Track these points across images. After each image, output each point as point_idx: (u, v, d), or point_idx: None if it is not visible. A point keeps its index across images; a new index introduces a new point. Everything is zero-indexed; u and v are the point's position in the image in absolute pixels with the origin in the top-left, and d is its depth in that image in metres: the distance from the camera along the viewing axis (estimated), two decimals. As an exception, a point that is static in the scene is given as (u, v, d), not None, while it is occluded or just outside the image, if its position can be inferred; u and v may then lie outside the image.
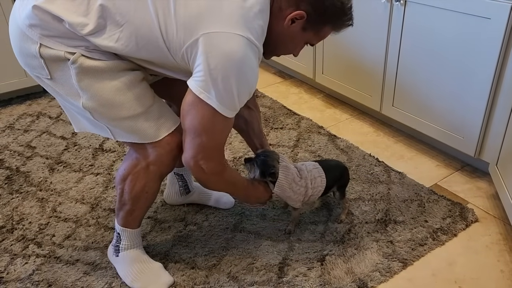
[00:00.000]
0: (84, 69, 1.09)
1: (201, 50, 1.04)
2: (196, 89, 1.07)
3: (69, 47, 1.08)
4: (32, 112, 2.45)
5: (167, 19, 1.05)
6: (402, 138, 2.12)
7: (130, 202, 1.29)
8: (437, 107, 1.84)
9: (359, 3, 2.01)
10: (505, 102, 1.57)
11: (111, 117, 1.16)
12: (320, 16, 1.14)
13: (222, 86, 1.06)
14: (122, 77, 1.13)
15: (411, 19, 1.80)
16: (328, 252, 1.47)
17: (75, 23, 1.05)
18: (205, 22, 1.03)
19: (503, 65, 1.55)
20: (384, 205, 1.67)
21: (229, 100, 1.09)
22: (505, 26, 1.48)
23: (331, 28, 1.19)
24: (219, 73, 1.04)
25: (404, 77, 1.94)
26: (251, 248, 1.50)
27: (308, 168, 1.47)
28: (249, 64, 1.07)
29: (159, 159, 1.21)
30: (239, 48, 1.03)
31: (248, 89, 1.12)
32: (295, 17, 1.12)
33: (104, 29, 1.07)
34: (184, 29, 1.05)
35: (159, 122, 1.19)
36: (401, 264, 1.41)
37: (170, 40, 1.07)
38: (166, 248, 1.52)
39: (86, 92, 1.12)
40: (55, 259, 1.49)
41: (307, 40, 1.22)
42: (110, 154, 2.05)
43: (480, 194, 1.73)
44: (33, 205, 1.74)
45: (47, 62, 1.10)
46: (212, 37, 1.03)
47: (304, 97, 2.57)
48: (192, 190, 1.68)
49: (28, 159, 2.03)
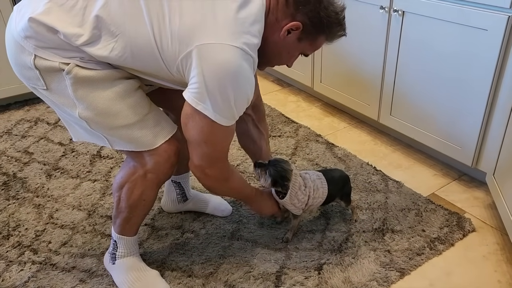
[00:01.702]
0: (79, 79, 1.10)
1: (195, 61, 1.04)
2: (192, 100, 1.08)
3: (64, 58, 1.09)
4: (30, 118, 2.44)
5: (162, 30, 1.05)
6: (400, 147, 2.13)
7: (127, 210, 1.28)
8: (435, 116, 1.85)
9: (358, 13, 2.02)
10: (502, 112, 1.57)
11: (108, 126, 1.16)
12: (315, 27, 1.15)
13: (218, 97, 1.06)
14: (117, 86, 1.13)
15: (409, 30, 1.82)
16: (325, 261, 1.47)
17: (70, 33, 1.05)
18: (199, 33, 1.04)
19: (500, 75, 1.56)
20: (382, 214, 1.67)
21: (226, 110, 1.09)
22: (502, 38, 1.49)
23: (325, 38, 1.21)
24: (215, 84, 1.04)
25: (402, 86, 1.95)
26: (248, 257, 1.50)
27: (312, 178, 1.48)
28: (244, 75, 1.07)
29: (156, 167, 1.21)
30: (234, 59, 1.04)
31: (245, 99, 1.12)
32: (291, 28, 1.13)
33: (99, 39, 1.07)
34: (178, 40, 1.05)
35: (156, 130, 1.19)
36: (398, 274, 1.41)
37: (165, 51, 1.07)
38: (163, 256, 1.51)
39: (82, 102, 1.12)
40: (51, 266, 1.48)
41: (302, 51, 1.23)
42: (107, 160, 2.04)
43: (477, 204, 1.73)
44: (30, 211, 1.73)
45: (42, 73, 1.11)
46: (206, 48, 1.03)
47: (302, 105, 2.58)
48: (189, 198, 1.68)
49: (25, 165, 2.03)
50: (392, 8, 1.85)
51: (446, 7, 1.64)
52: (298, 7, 1.12)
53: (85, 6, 1.07)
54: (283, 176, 1.40)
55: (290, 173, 1.41)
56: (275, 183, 1.41)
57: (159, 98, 1.34)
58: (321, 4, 1.13)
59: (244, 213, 1.69)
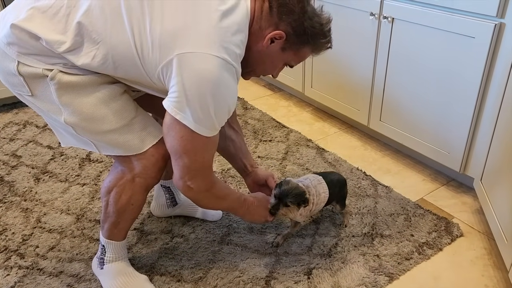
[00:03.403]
0: (63, 85, 1.09)
1: (175, 70, 1.03)
2: (172, 109, 1.07)
3: (47, 64, 1.08)
4: (18, 120, 2.42)
5: (143, 37, 1.04)
6: (389, 152, 2.14)
7: (115, 215, 1.28)
8: (424, 122, 1.87)
9: (348, 19, 2.04)
10: (489, 119, 1.60)
11: (94, 131, 1.15)
12: (299, 37, 1.15)
13: (198, 107, 1.05)
14: (102, 91, 1.13)
15: (398, 36, 1.84)
16: (315, 265, 1.47)
17: (52, 40, 1.05)
18: (180, 42, 1.03)
19: (487, 82, 1.59)
20: (371, 218, 1.68)
21: (206, 120, 1.08)
22: (489, 45, 1.52)
23: (311, 49, 1.20)
24: (194, 94, 1.03)
25: (392, 92, 1.97)
26: (238, 261, 1.49)
27: (313, 184, 1.47)
28: (225, 84, 1.06)
29: (144, 171, 1.21)
30: (214, 69, 1.03)
31: (227, 109, 1.11)
32: (274, 37, 1.12)
33: (81, 46, 1.06)
34: (159, 49, 1.04)
35: (143, 134, 1.19)
36: (387, 278, 1.42)
37: (146, 59, 1.06)
38: (152, 261, 1.50)
39: (67, 108, 1.11)
40: (38, 271, 1.46)
41: (286, 61, 1.22)
42: (97, 164, 2.03)
43: (465, 209, 1.75)
44: (17, 215, 1.71)
45: (26, 80, 1.10)
46: (187, 57, 1.02)
47: (293, 110, 2.59)
48: (179, 202, 1.67)
49: (13, 168, 2.00)
50: (382, 15, 1.87)
51: (435, 15, 1.66)
52: (281, 16, 1.11)
53: (68, 13, 1.06)
54: (300, 194, 1.39)
55: (298, 187, 1.40)
56: (291, 202, 1.39)
57: (148, 104, 1.33)
58: (306, 14, 1.12)
59: (234, 218, 1.69)
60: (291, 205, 1.37)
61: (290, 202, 1.37)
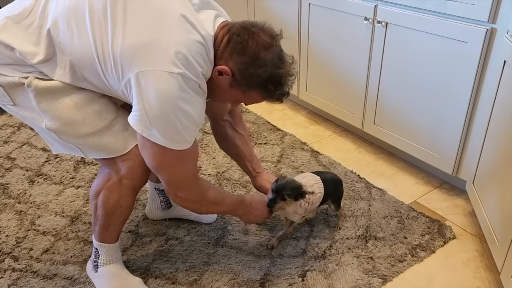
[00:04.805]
0: (40, 91, 1.09)
1: (135, 89, 1.02)
2: (138, 127, 1.06)
3: (23, 72, 1.08)
4: (13, 123, 2.41)
5: (105, 53, 1.04)
6: (383, 155, 2.16)
7: (104, 217, 1.28)
8: (417, 126, 1.89)
9: (343, 23, 2.06)
10: (481, 122, 1.62)
11: (75, 135, 1.15)
12: (245, 80, 1.11)
13: (162, 124, 1.04)
14: (79, 94, 1.13)
15: (392, 41, 1.86)
16: (309, 267, 1.48)
17: (26, 52, 1.05)
18: (140, 59, 1.01)
19: (479, 86, 1.61)
20: (365, 221, 1.69)
21: (175, 135, 1.07)
22: (481, 50, 1.54)
23: (260, 95, 1.15)
24: (157, 113, 1.03)
25: (385, 96, 1.99)
26: (232, 263, 1.50)
27: (310, 184, 1.48)
28: (188, 100, 1.05)
29: (130, 172, 1.21)
30: (174, 88, 1.01)
31: (193, 123, 1.09)
32: (221, 71, 1.10)
33: (53, 57, 1.07)
34: (121, 65, 1.03)
35: (125, 134, 1.18)
36: (381, 280, 1.43)
37: (109, 75, 1.06)
38: (146, 263, 1.50)
39: (46, 114, 1.12)
40: (32, 274, 1.45)
41: (236, 98, 1.18)
42: (92, 167, 2.03)
43: (457, 212, 1.77)
44: (11, 217, 1.71)
45: (6, 89, 1.10)
46: (146, 75, 1.01)
47: (288, 114, 2.60)
48: (173, 205, 1.67)
49: (7, 170, 2.00)
50: (376, 20, 1.89)
51: (428, 20, 1.68)
52: (232, 54, 1.09)
53: (41, 25, 1.06)
54: (296, 187, 1.40)
55: (293, 181, 1.41)
56: (290, 196, 1.40)
57: None
58: (256, 61, 1.08)
59: (229, 220, 1.69)
60: (288, 198, 1.38)
61: (287, 195, 1.38)
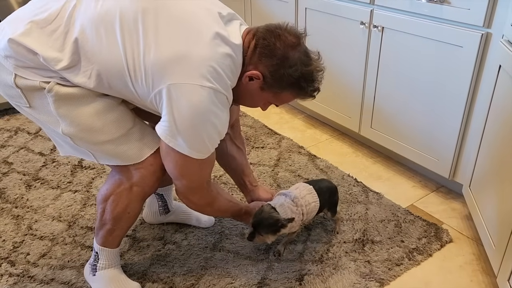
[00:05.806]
0: (60, 97, 1.09)
1: (166, 101, 1.05)
2: (165, 137, 1.09)
3: (44, 77, 1.08)
4: (10, 127, 2.41)
5: (136, 64, 1.05)
6: (380, 159, 2.17)
7: (111, 222, 1.28)
8: (413, 129, 1.90)
9: (339, 28, 2.07)
10: (477, 126, 1.63)
11: (92, 142, 1.16)
12: (276, 82, 1.14)
13: (189, 136, 1.07)
14: (99, 102, 1.13)
15: (388, 45, 1.87)
16: (306, 271, 1.48)
17: (50, 57, 1.05)
18: (172, 71, 1.04)
19: (475, 90, 1.62)
20: (362, 225, 1.69)
21: (199, 145, 1.10)
22: (476, 54, 1.55)
23: (292, 95, 1.19)
24: (186, 125, 1.06)
25: (382, 100, 2.00)
26: (230, 268, 1.50)
27: (302, 194, 1.48)
28: (215, 113, 1.08)
29: (142, 180, 1.22)
30: (204, 99, 1.04)
31: (217, 135, 1.13)
32: (252, 76, 1.13)
33: (78, 64, 1.07)
34: (152, 76, 1.05)
35: (141, 144, 1.20)
36: (378, 284, 1.43)
37: (139, 85, 1.07)
38: (144, 267, 1.50)
39: (64, 119, 1.12)
40: (29, 279, 1.45)
41: (267, 100, 1.22)
42: (89, 171, 2.03)
43: (454, 215, 1.78)
44: (8, 222, 1.70)
45: (24, 92, 1.10)
46: (178, 87, 1.04)
47: (285, 117, 2.61)
48: (171, 209, 1.67)
49: (4, 175, 1.99)
50: (372, 24, 1.90)
51: (424, 24, 1.69)
52: (261, 58, 1.12)
53: (67, 31, 1.06)
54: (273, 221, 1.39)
55: (271, 213, 1.40)
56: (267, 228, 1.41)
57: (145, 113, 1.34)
58: (285, 62, 1.11)
59: (227, 224, 1.69)
60: (264, 235, 1.41)
61: (264, 232, 1.40)
